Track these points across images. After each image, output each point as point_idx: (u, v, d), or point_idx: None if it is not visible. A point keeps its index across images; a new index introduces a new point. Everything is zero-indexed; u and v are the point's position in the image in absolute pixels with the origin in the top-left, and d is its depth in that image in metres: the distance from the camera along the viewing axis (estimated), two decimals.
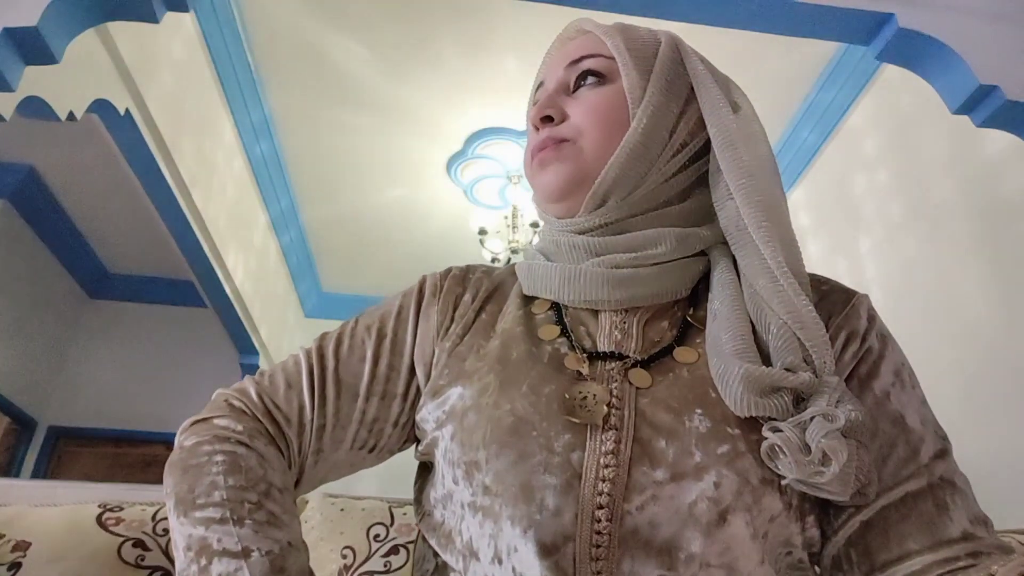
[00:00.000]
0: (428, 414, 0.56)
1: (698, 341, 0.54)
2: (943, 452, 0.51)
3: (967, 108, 1.68)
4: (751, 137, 0.58)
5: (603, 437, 0.48)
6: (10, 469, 3.86)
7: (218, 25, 2.59)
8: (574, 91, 0.61)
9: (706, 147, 0.59)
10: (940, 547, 0.46)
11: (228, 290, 3.24)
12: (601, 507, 0.46)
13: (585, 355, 0.54)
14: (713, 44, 2.64)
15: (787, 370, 0.48)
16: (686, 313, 0.57)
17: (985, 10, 1.71)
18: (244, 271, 3.40)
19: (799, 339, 0.50)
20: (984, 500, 0.51)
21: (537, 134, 0.61)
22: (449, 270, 0.66)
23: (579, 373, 0.52)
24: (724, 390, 0.49)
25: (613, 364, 0.53)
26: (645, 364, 0.53)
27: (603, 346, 0.55)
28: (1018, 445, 1.94)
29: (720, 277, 0.56)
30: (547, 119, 0.60)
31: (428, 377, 0.59)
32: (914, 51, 1.72)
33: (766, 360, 0.50)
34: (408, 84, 2.91)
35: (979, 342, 2.13)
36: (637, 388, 0.51)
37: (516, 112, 3.01)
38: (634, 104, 0.58)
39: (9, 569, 0.63)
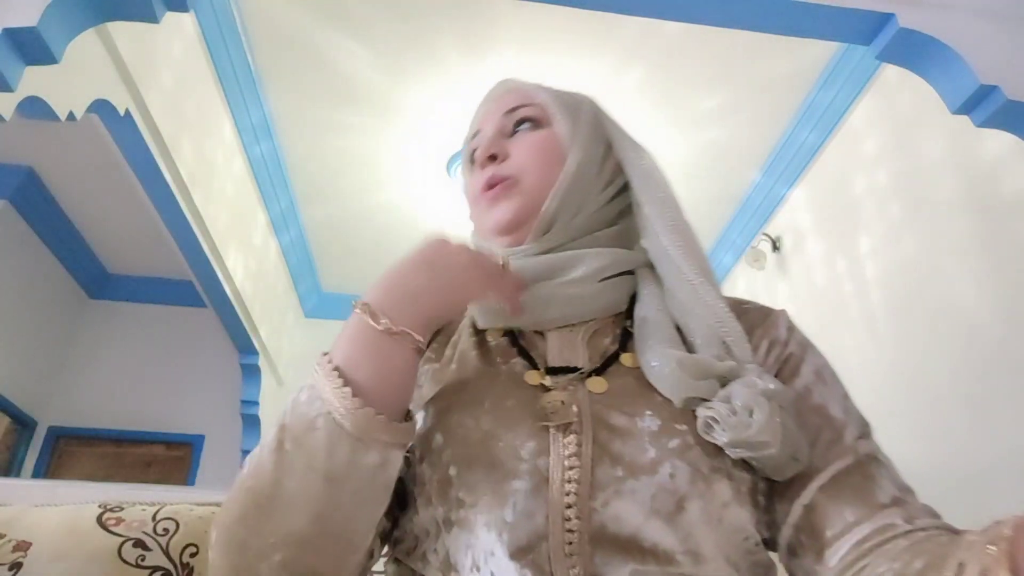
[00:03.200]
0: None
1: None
2: (865, 433, 0.56)
3: (967, 108, 1.68)
4: (661, 177, 0.68)
5: (565, 441, 0.52)
6: (10, 469, 3.85)
7: (218, 25, 2.59)
8: (512, 135, 0.70)
9: (625, 186, 0.68)
10: (875, 514, 0.50)
11: (228, 290, 3.24)
12: (570, 506, 0.49)
13: (544, 370, 0.59)
14: (713, 44, 2.67)
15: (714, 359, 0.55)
16: (625, 325, 0.63)
17: (985, 10, 1.71)
18: (244, 271, 3.40)
19: (719, 336, 0.57)
20: (984, 500, 0.52)
21: (481, 172, 0.68)
22: None
23: (543, 386, 0.57)
24: (661, 381, 0.54)
25: (568, 375, 0.58)
26: (599, 372, 0.58)
27: (555, 362, 0.60)
28: (1018, 445, 1.94)
29: (647, 291, 0.63)
30: (492, 158, 0.67)
31: None
32: (914, 51, 1.72)
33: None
34: (408, 84, 2.91)
35: (979, 342, 2.13)
36: (593, 394, 0.56)
37: None
38: (567, 144, 0.67)
39: (10, 569, 0.63)
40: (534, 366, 0.60)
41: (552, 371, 0.59)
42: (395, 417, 0.51)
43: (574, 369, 0.59)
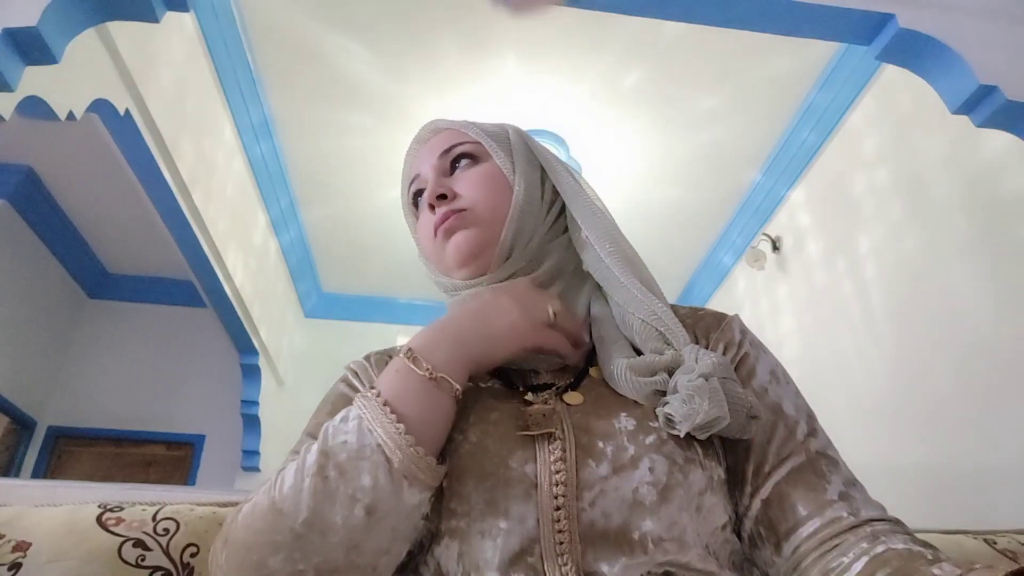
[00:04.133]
0: None
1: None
2: (814, 431, 0.60)
3: (967, 108, 1.68)
4: (591, 192, 0.72)
5: (550, 448, 0.55)
6: (10, 469, 3.85)
7: (218, 25, 2.59)
8: (451, 174, 0.71)
9: (562, 206, 0.72)
10: (824, 509, 0.54)
11: (228, 290, 3.24)
12: (559, 508, 0.52)
13: (525, 389, 0.62)
14: (713, 44, 2.67)
15: (655, 354, 0.60)
16: (590, 338, 0.67)
17: (985, 10, 1.71)
18: (244, 271, 3.40)
19: (657, 330, 0.62)
20: (983, 499, 0.52)
21: (433, 213, 0.69)
22: (368, 355, 0.71)
23: (525, 401, 0.60)
24: (623, 387, 0.59)
25: (547, 391, 0.61)
26: (573, 386, 0.62)
27: (532, 380, 0.64)
28: (1018, 444, 1.94)
29: (597, 307, 0.68)
30: (441, 197, 0.69)
31: None
32: (914, 51, 1.72)
33: (638, 354, 0.62)
34: (408, 84, 2.92)
35: (979, 341, 2.13)
36: (570, 406, 0.59)
37: (516, 112, 3.01)
38: (509, 174, 0.70)
39: (9, 569, 0.63)
40: (511, 387, 0.63)
41: (530, 389, 0.62)
42: (434, 458, 0.53)
43: (550, 385, 0.62)
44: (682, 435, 0.55)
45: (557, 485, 0.52)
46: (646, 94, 2.93)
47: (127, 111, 2.21)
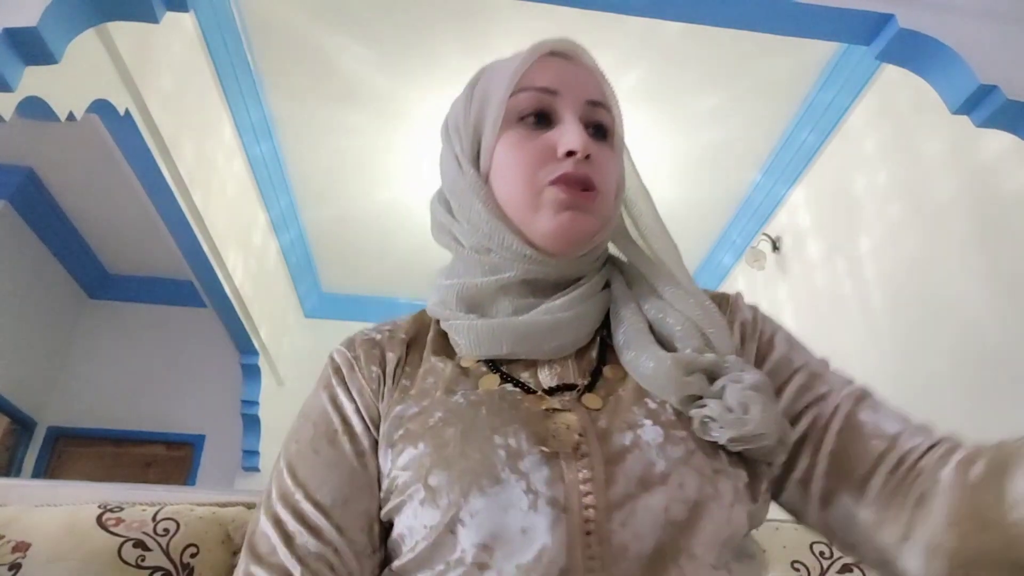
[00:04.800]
0: (387, 467, 0.54)
1: (616, 358, 0.59)
2: (848, 379, 0.59)
3: (967, 108, 1.68)
4: (637, 173, 0.66)
5: (578, 465, 0.50)
6: (10, 469, 3.85)
7: (218, 25, 2.59)
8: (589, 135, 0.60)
9: None
10: (896, 442, 0.53)
11: (228, 290, 3.24)
12: (589, 533, 0.47)
13: (543, 392, 0.56)
14: (713, 44, 2.67)
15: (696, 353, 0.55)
16: (602, 335, 0.61)
17: (985, 10, 1.71)
18: (244, 271, 3.40)
19: (700, 329, 0.57)
20: None
21: (572, 164, 0.57)
22: (352, 340, 0.64)
23: (546, 410, 0.53)
24: (655, 382, 0.54)
25: (566, 394, 0.55)
26: (590, 387, 0.56)
27: (549, 382, 0.57)
28: None
29: (622, 297, 0.62)
30: (586, 159, 0.58)
31: (378, 429, 0.57)
32: (914, 51, 1.72)
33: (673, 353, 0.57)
34: (408, 84, 2.91)
35: (979, 342, 2.13)
36: (591, 411, 0.54)
37: None
38: (619, 170, 0.63)
39: (9, 569, 0.63)
40: (525, 390, 0.56)
41: (549, 391, 0.56)
42: None
43: (569, 387, 0.56)
44: (721, 441, 0.50)
45: (587, 508, 0.48)
46: (646, 94, 2.93)
47: (127, 111, 2.21)
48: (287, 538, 0.52)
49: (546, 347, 0.58)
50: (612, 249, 0.66)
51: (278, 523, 0.53)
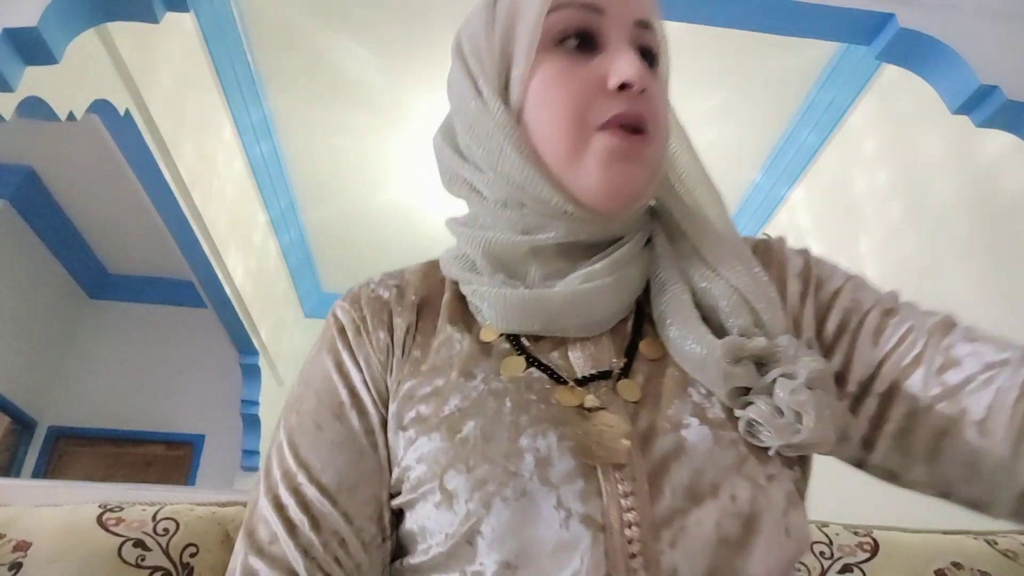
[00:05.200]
0: (399, 453, 0.48)
1: (654, 331, 0.51)
2: (932, 310, 0.52)
3: (967, 108, 1.68)
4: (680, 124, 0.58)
5: (618, 476, 0.43)
6: (10, 469, 3.85)
7: (218, 25, 2.59)
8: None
9: None
10: (985, 362, 0.46)
11: (228, 290, 3.24)
12: (633, 555, 0.41)
13: (574, 383, 0.47)
14: (713, 44, 2.67)
15: (741, 334, 0.47)
16: (639, 301, 0.52)
17: (985, 10, 1.71)
18: (244, 271, 3.40)
19: (749, 303, 0.48)
20: None
21: (626, 101, 0.47)
22: (357, 296, 0.56)
23: (585, 409, 0.46)
24: (702, 370, 0.46)
25: (601, 384, 0.47)
26: (625, 371, 0.48)
27: (583, 368, 0.49)
28: None
29: (664, 258, 0.52)
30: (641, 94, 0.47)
31: (387, 406, 0.51)
32: (914, 51, 1.72)
33: (718, 330, 0.48)
34: (408, 84, 2.91)
35: None
36: (628, 403, 0.46)
37: None
38: (666, 107, 0.52)
39: (10, 569, 0.63)
40: (556, 378, 0.48)
41: (582, 381, 0.48)
42: None
43: (604, 374, 0.48)
44: (771, 449, 0.44)
45: (630, 527, 0.41)
46: None
47: (127, 111, 2.21)
48: (290, 527, 0.46)
49: (582, 322, 0.50)
50: None
51: (280, 508, 0.47)
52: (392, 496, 0.49)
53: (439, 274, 0.58)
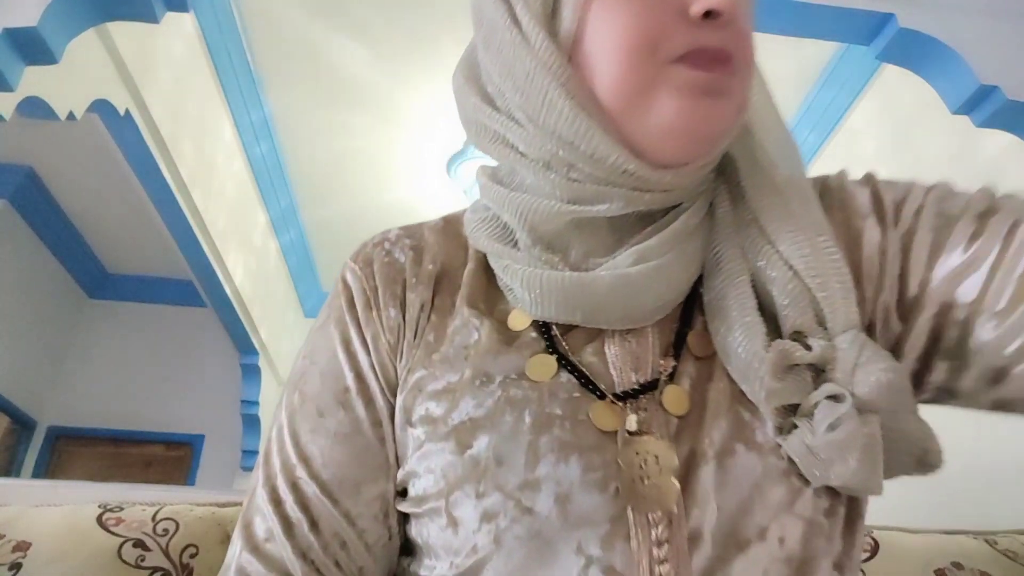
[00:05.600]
0: (407, 451, 0.43)
1: (704, 321, 0.42)
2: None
3: (967, 108, 1.68)
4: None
5: (653, 518, 0.35)
6: (10, 469, 3.85)
7: (218, 25, 2.59)
8: None
9: None
10: None
11: (228, 290, 3.24)
12: None
13: (611, 397, 0.39)
14: None
15: (797, 333, 0.38)
16: (695, 283, 0.44)
17: (985, 10, 1.71)
18: (244, 271, 3.40)
19: (811, 291, 0.38)
20: (984, 501, 0.51)
21: (711, 31, 0.37)
22: (370, 259, 0.48)
23: (627, 433, 0.38)
24: (747, 380, 0.38)
25: (643, 399, 0.39)
26: (671, 374, 0.40)
27: (622, 368, 0.41)
28: (1018, 444, 1.94)
29: (724, 231, 0.43)
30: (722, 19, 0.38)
31: (395, 395, 0.45)
32: (914, 51, 1.72)
33: (771, 321, 0.39)
34: (408, 84, 2.91)
35: None
36: (671, 418, 0.38)
37: None
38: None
39: (9, 569, 0.63)
40: (590, 388, 0.40)
41: (623, 395, 0.40)
42: None
43: (650, 385, 0.40)
44: (813, 484, 0.37)
45: None
46: None
47: (127, 111, 2.21)
48: (287, 525, 0.42)
49: (628, 313, 0.41)
50: None
51: (278, 503, 0.43)
52: (399, 492, 0.45)
53: (462, 237, 0.49)
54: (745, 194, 0.43)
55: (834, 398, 0.36)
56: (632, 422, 0.38)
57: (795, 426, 0.37)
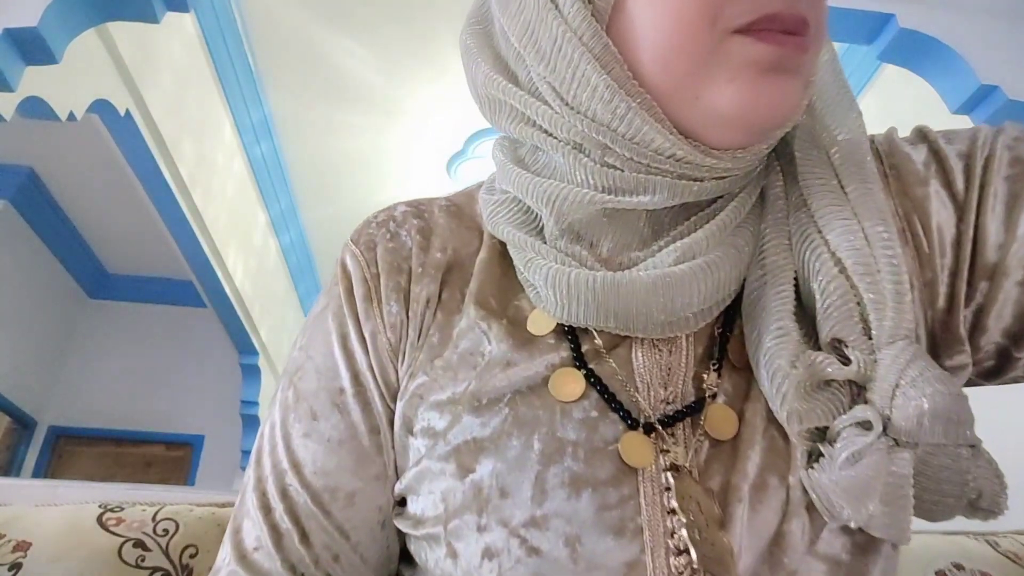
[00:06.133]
0: (407, 462, 0.40)
1: (742, 325, 0.37)
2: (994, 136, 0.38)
3: (967, 108, 1.68)
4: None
5: (675, 566, 0.31)
6: (10, 469, 3.85)
7: (218, 25, 2.59)
8: None
9: None
10: None
11: (228, 290, 3.25)
12: None
13: (642, 426, 0.34)
14: None
15: (836, 340, 0.32)
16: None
17: (985, 10, 1.71)
18: (244, 271, 3.40)
19: (856, 296, 0.32)
20: None
21: None
22: (372, 241, 0.44)
23: (675, 470, 0.33)
24: (774, 398, 0.33)
25: (679, 424, 0.34)
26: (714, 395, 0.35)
27: (651, 384, 0.35)
28: (1018, 444, 1.94)
29: (772, 227, 0.37)
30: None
31: (395, 400, 0.41)
32: (914, 51, 1.72)
33: (810, 324, 0.34)
34: (408, 84, 2.91)
35: None
36: (712, 443, 0.34)
37: None
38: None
39: (10, 569, 0.63)
40: (618, 411, 0.35)
41: (659, 421, 0.35)
42: None
43: (692, 408, 0.35)
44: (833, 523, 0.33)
45: None
46: None
47: (127, 111, 2.21)
48: (276, 536, 0.39)
49: (667, 319, 0.35)
50: None
51: (267, 511, 0.39)
52: (397, 503, 0.41)
53: (474, 219, 0.44)
54: (798, 172, 0.37)
55: (863, 424, 0.30)
56: (680, 456, 0.33)
57: (822, 454, 0.31)
